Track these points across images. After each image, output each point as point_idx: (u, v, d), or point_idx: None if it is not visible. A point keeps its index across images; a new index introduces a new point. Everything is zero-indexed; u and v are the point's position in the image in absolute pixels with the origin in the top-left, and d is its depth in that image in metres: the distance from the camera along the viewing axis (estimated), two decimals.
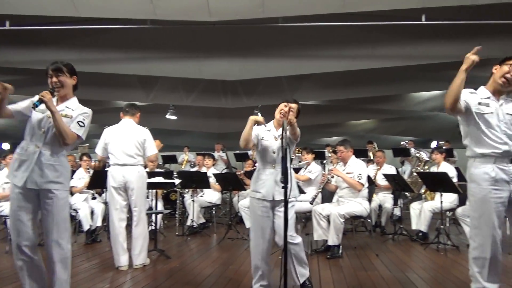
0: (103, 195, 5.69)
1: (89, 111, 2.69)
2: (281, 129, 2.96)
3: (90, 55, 7.54)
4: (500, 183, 2.46)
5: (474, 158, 2.58)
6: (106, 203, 5.30)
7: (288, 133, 2.98)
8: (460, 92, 2.44)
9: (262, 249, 2.97)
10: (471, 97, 2.55)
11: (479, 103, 2.55)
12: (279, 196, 2.88)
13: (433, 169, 5.67)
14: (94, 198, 5.74)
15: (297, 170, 5.73)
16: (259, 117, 2.92)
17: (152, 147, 4.07)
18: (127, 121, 4.11)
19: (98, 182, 5.07)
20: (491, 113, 2.51)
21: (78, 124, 2.59)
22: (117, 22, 6.19)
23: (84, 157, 5.90)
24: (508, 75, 2.49)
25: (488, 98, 2.57)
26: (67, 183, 2.64)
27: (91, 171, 5.64)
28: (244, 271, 3.72)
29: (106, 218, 5.35)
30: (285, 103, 2.98)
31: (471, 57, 2.38)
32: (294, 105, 2.97)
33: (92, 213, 5.43)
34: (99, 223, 5.41)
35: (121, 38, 7.33)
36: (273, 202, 2.95)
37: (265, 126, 3.02)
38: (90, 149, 8.26)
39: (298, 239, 3.01)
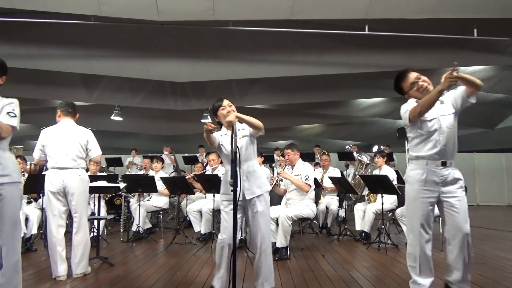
0: (39, 200, 5.32)
1: (15, 100, 2.56)
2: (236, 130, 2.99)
3: (25, 50, 7.04)
4: (430, 184, 2.65)
5: (411, 161, 2.80)
6: (42, 209, 4.95)
7: (250, 130, 2.96)
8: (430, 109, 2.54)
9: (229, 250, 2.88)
10: None
11: None
12: (249, 195, 2.91)
13: (376, 172, 5.98)
14: (29, 202, 5.35)
15: None
16: (208, 125, 2.76)
17: (97, 148, 3.88)
18: (67, 121, 3.85)
19: (33, 186, 4.72)
20: (434, 118, 2.66)
21: (9, 115, 2.46)
22: (57, 16, 5.83)
23: (18, 160, 5.46)
24: (421, 85, 2.68)
25: None
26: (17, 176, 2.47)
27: (26, 175, 5.26)
28: (192, 276, 3.65)
29: (42, 225, 5.02)
30: (227, 105, 2.95)
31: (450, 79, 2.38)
32: (227, 102, 2.97)
33: (26, 220, 5.05)
34: (34, 230, 5.04)
35: (61, 34, 6.92)
36: (244, 201, 2.94)
37: (219, 130, 2.98)
38: (24, 151, 7.69)
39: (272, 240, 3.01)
